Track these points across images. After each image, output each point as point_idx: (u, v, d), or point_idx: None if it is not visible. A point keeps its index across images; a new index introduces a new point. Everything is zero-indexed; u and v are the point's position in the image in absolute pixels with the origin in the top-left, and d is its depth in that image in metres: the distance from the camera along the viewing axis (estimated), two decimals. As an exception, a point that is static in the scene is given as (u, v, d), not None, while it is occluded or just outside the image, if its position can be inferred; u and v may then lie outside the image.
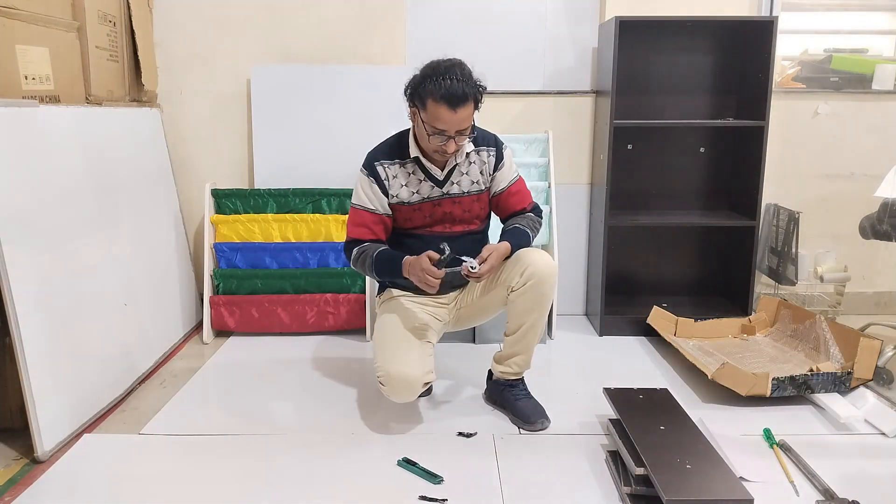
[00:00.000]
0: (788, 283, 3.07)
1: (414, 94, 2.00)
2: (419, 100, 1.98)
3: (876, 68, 3.17)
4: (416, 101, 2.01)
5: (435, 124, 1.96)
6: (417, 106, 2.01)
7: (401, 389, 2.04)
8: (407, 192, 2.14)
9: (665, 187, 3.25)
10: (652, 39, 3.09)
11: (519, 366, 2.23)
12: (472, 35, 3.18)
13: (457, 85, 1.92)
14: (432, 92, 1.93)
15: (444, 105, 1.93)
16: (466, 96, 1.94)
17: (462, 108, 1.94)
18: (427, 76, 1.96)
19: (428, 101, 1.95)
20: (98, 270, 2.35)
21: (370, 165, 2.14)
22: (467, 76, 1.97)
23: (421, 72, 2.00)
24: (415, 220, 2.17)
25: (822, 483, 1.83)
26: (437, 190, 2.15)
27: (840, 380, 2.31)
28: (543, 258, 2.10)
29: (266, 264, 3.03)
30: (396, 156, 2.14)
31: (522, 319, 2.14)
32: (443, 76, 1.93)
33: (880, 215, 2.67)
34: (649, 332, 2.95)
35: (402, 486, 1.85)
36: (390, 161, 2.14)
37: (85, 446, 2.07)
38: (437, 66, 1.97)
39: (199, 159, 3.22)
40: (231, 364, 2.73)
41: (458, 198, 2.17)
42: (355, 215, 2.17)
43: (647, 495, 1.73)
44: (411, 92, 2.01)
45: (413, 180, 2.14)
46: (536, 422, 2.17)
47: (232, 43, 3.14)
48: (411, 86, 2.01)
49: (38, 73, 2.23)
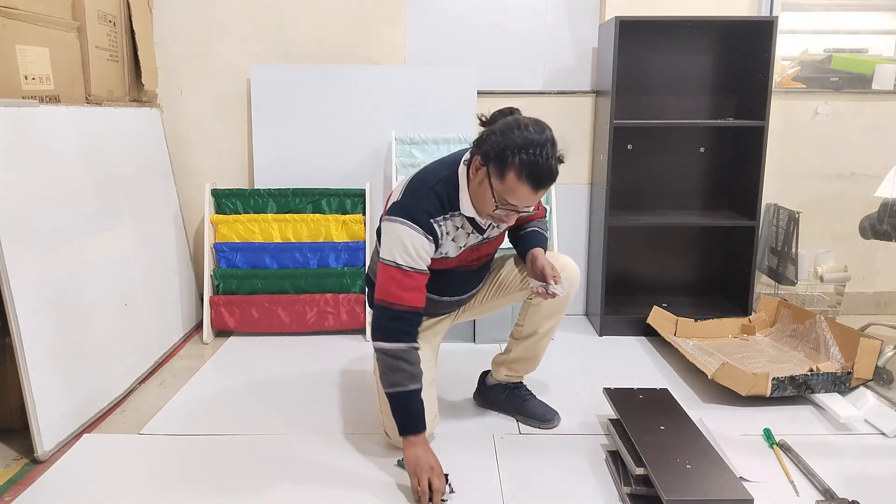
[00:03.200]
0: (788, 283, 3.07)
1: (495, 158, 1.71)
2: (498, 167, 1.70)
3: (876, 68, 3.17)
4: (493, 165, 1.72)
5: (509, 199, 1.73)
6: (492, 171, 1.72)
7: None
8: (454, 247, 1.91)
9: (665, 187, 3.25)
10: (652, 39, 3.09)
11: (526, 370, 2.21)
12: (472, 35, 3.19)
13: (548, 165, 1.69)
14: (520, 167, 1.68)
15: (528, 185, 1.69)
16: (553, 179, 1.73)
17: (544, 189, 1.74)
18: (517, 146, 1.68)
19: (509, 174, 1.69)
20: (98, 270, 2.35)
21: (427, 224, 1.79)
22: (556, 151, 1.72)
23: (506, 134, 1.71)
24: (448, 264, 1.96)
25: (822, 483, 1.83)
26: (477, 237, 1.95)
27: (840, 380, 2.31)
28: (573, 265, 2.05)
29: (266, 264, 3.03)
30: (448, 209, 1.84)
31: (540, 325, 2.09)
32: (536, 152, 1.67)
33: (880, 215, 2.67)
34: (649, 332, 2.96)
35: (402, 486, 1.85)
36: (443, 217, 1.84)
37: (85, 446, 2.07)
38: (531, 137, 1.69)
39: (199, 159, 3.22)
40: (231, 364, 2.73)
41: (497, 238, 2.02)
42: (407, 279, 1.78)
43: (647, 495, 1.73)
44: (493, 154, 1.71)
45: (461, 234, 1.90)
46: (553, 419, 2.18)
47: (232, 43, 3.14)
48: (493, 147, 1.71)
49: (38, 73, 2.23)
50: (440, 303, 2.05)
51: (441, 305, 2.07)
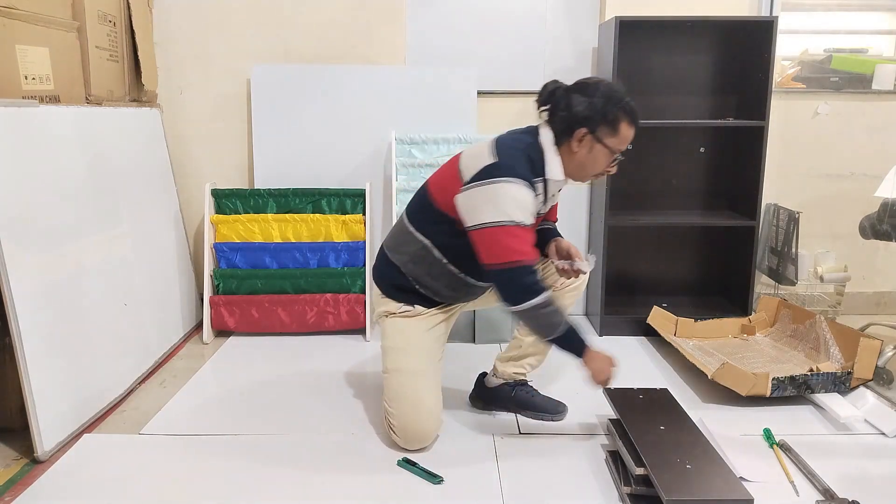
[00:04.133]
0: (788, 283, 3.07)
1: (603, 119, 1.86)
2: (610, 124, 1.86)
3: (876, 68, 3.17)
4: (604, 127, 1.87)
5: (622, 147, 1.91)
6: (603, 131, 1.87)
7: (415, 443, 2.03)
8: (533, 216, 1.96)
9: (665, 187, 3.25)
10: (652, 39, 3.09)
11: (532, 366, 2.24)
12: (472, 35, 3.19)
13: (634, 103, 1.89)
14: (625, 114, 1.86)
15: (634, 126, 1.89)
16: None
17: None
18: (611, 99, 1.85)
19: (621, 125, 1.87)
20: (98, 270, 2.35)
21: (531, 181, 1.85)
22: None
23: (594, 97, 1.86)
24: None
25: (822, 483, 1.83)
26: (543, 205, 2.00)
27: (840, 380, 2.31)
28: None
29: (266, 264, 3.03)
30: (537, 174, 1.91)
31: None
32: (624, 97, 1.87)
33: (880, 215, 2.67)
34: (649, 332, 2.96)
35: (402, 486, 1.85)
36: (534, 180, 1.90)
37: (85, 446, 2.07)
38: (611, 88, 1.89)
39: (199, 159, 3.22)
40: (231, 364, 2.73)
41: (543, 215, 2.10)
42: (526, 233, 1.83)
43: (647, 495, 1.73)
44: (599, 118, 1.86)
45: (538, 201, 1.94)
46: (563, 411, 2.24)
47: (232, 43, 3.14)
48: (597, 112, 1.85)
49: (38, 73, 2.23)
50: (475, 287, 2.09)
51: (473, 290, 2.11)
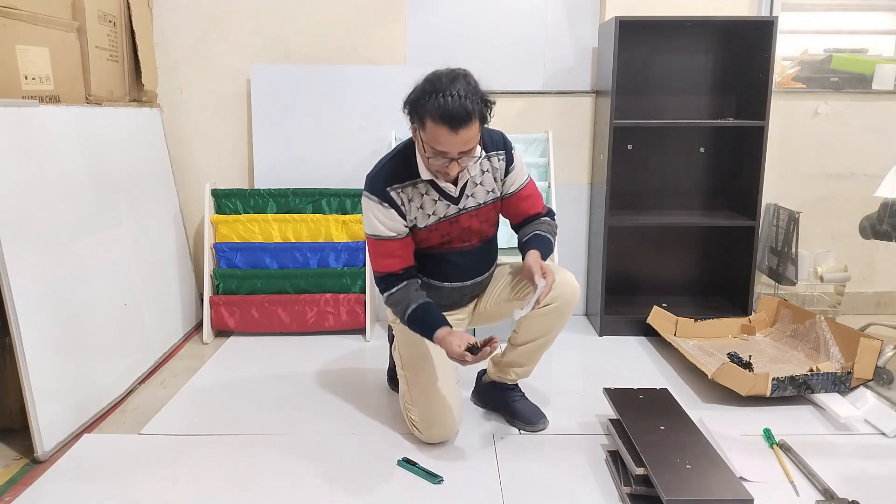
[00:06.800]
0: (788, 283, 3.07)
1: (413, 110, 1.79)
2: (418, 118, 1.78)
3: (876, 68, 3.17)
4: (414, 119, 1.80)
5: (435, 146, 1.77)
6: (417, 125, 1.80)
7: (438, 437, 2.03)
8: (423, 216, 1.96)
9: (665, 187, 3.25)
10: (652, 39, 3.09)
11: (519, 375, 2.21)
12: (472, 35, 3.19)
13: (458, 103, 1.70)
14: (431, 111, 1.72)
15: (445, 126, 1.72)
16: (469, 116, 1.72)
17: (464, 129, 1.73)
18: (426, 92, 1.74)
19: (427, 121, 1.74)
20: (98, 270, 2.35)
21: (383, 192, 1.90)
22: (472, 91, 1.75)
23: (420, 84, 1.78)
24: (432, 240, 2.00)
25: (822, 483, 1.83)
26: (453, 207, 1.97)
27: (840, 380, 2.31)
28: (571, 281, 2.03)
29: (266, 264, 3.03)
30: (406, 177, 1.92)
31: (536, 336, 2.08)
32: (443, 92, 1.71)
33: (880, 215, 2.67)
34: (649, 332, 2.96)
35: (402, 486, 1.85)
36: (402, 184, 1.92)
37: (85, 446, 2.07)
38: (438, 79, 1.75)
39: (199, 159, 3.22)
40: (231, 364, 2.73)
41: (475, 210, 2.01)
42: (378, 247, 1.94)
43: (647, 495, 1.73)
44: (410, 108, 1.80)
45: (427, 201, 1.94)
46: (539, 422, 2.16)
47: (232, 43, 3.14)
48: (410, 100, 1.79)
49: (38, 73, 2.23)
50: (442, 290, 2.08)
51: (444, 293, 2.09)
